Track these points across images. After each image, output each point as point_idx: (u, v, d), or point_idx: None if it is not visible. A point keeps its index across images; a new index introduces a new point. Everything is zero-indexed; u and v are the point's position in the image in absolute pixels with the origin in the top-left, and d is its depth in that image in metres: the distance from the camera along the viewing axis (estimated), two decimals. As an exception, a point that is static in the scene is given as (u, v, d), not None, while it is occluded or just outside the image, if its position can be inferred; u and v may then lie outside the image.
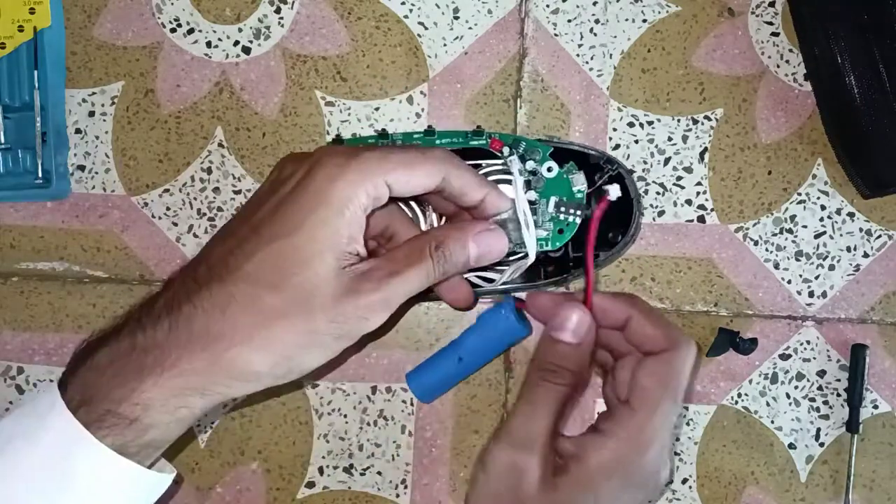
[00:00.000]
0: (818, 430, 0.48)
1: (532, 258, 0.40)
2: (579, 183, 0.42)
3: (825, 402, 0.48)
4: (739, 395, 0.48)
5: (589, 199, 0.43)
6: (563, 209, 0.42)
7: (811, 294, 0.48)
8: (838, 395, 0.48)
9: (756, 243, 0.48)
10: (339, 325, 0.32)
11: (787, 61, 0.48)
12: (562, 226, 0.42)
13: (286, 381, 0.33)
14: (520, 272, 0.43)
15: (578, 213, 0.42)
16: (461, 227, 0.36)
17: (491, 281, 0.44)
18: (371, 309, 0.32)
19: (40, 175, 0.46)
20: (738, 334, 0.47)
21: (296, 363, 0.33)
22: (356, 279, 0.32)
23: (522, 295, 0.42)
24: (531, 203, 0.42)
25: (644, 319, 0.36)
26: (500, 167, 0.43)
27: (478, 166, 0.43)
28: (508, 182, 0.43)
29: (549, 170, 0.42)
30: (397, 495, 0.47)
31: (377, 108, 0.47)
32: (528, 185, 0.42)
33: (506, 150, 0.43)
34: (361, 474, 0.47)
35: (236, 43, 0.47)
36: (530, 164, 0.42)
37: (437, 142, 0.45)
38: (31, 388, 0.47)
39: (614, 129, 0.47)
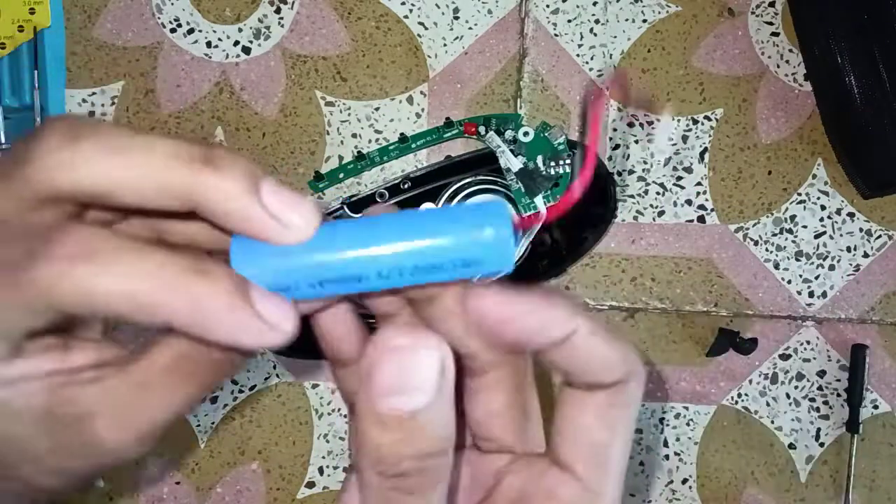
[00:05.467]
0: (818, 430, 0.48)
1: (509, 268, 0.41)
2: (558, 137, 0.44)
3: (825, 403, 0.48)
4: (739, 396, 0.48)
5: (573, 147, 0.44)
6: (552, 163, 0.44)
7: (811, 294, 0.48)
8: (838, 395, 0.48)
9: (756, 243, 0.48)
10: None
11: (787, 61, 0.48)
12: (555, 179, 0.44)
13: None
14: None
15: (567, 162, 0.44)
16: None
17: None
18: None
19: (40, 175, 0.46)
20: (738, 334, 0.47)
21: None
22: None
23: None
24: (522, 169, 0.43)
25: (596, 336, 0.21)
26: (482, 179, 0.44)
27: (494, 174, 0.44)
28: (494, 188, 0.44)
29: (526, 134, 0.44)
30: (397, 495, 0.47)
31: (377, 108, 0.47)
32: (513, 154, 0.44)
33: (482, 129, 0.45)
34: (361, 474, 0.47)
35: (236, 43, 0.47)
36: (508, 134, 0.44)
37: (413, 146, 0.46)
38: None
39: (614, 129, 0.47)
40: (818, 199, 0.48)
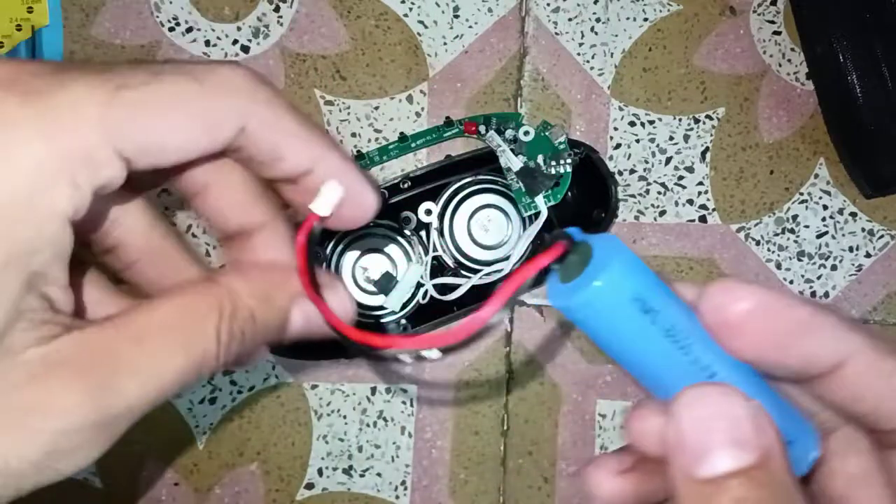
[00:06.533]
0: (820, 431, 0.48)
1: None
2: (559, 136, 0.44)
3: (827, 403, 0.48)
4: (741, 396, 0.48)
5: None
6: (553, 163, 0.43)
7: (813, 294, 0.48)
8: (841, 395, 0.48)
9: (758, 243, 0.47)
10: None
11: (789, 60, 0.47)
12: (556, 178, 0.44)
13: None
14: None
15: (568, 161, 0.43)
16: (277, 283, 0.19)
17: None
18: (64, 442, 0.16)
19: (38, 174, 0.45)
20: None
21: None
22: (40, 375, 0.16)
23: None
24: (523, 168, 0.43)
25: (880, 362, 0.17)
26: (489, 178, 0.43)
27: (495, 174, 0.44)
28: (497, 190, 0.44)
29: (527, 133, 0.44)
30: (397, 497, 0.47)
31: (377, 108, 0.47)
32: (513, 153, 0.43)
33: (482, 128, 0.45)
34: (361, 476, 0.47)
35: (235, 42, 0.46)
36: (509, 133, 0.44)
37: (413, 145, 0.45)
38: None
39: (615, 129, 0.47)
40: (820, 198, 0.48)
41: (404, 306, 0.44)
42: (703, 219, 0.47)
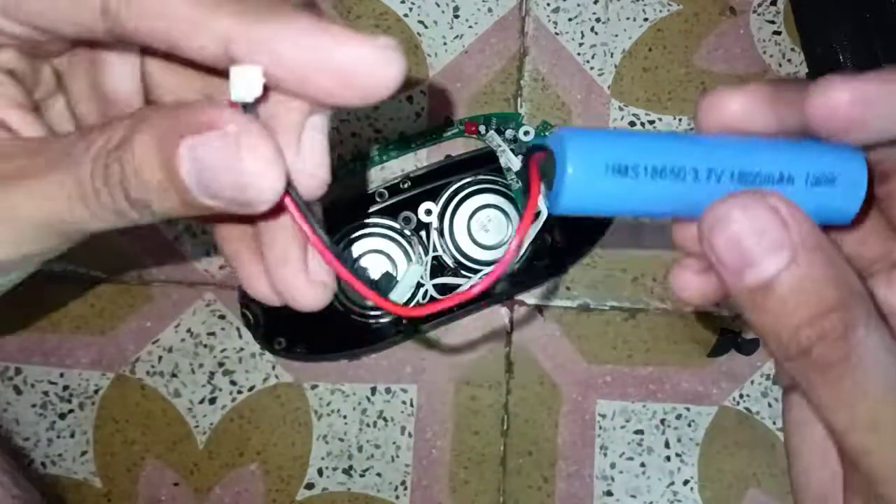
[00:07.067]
0: (820, 431, 0.48)
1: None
2: None
3: (827, 403, 0.48)
4: (741, 396, 0.48)
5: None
6: None
7: (813, 294, 0.48)
8: (841, 395, 0.48)
9: (758, 243, 0.47)
10: None
11: (790, 60, 0.47)
12: None
13: None
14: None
15: None
16: (171, 114, 0.16)
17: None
18: None
19: (38, 174, 0.45)
20: (740, 335, 0.46)
21: None
22: None
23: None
24: (523, 168, 0.43)
25: None
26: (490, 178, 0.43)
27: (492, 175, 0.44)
28: (496, 190, 0.43)
29: (527, 133, 0.44)
30: (397, 497, 0.47)
31: (376, 108, 0.47)
32: (513, 153, 0.44)
33: (482, 128, 0.45)
34: (361, 476, 0.47)
35: (235, 42, 0.46)
36: (509, 133, 0.44)
37: (413, 145, 0.45)
38: (28, 388, 0.47)
39: (615, 129, 0.47)
40: (820, 198, 0.48)
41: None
42: (703, 219, 0.47)
